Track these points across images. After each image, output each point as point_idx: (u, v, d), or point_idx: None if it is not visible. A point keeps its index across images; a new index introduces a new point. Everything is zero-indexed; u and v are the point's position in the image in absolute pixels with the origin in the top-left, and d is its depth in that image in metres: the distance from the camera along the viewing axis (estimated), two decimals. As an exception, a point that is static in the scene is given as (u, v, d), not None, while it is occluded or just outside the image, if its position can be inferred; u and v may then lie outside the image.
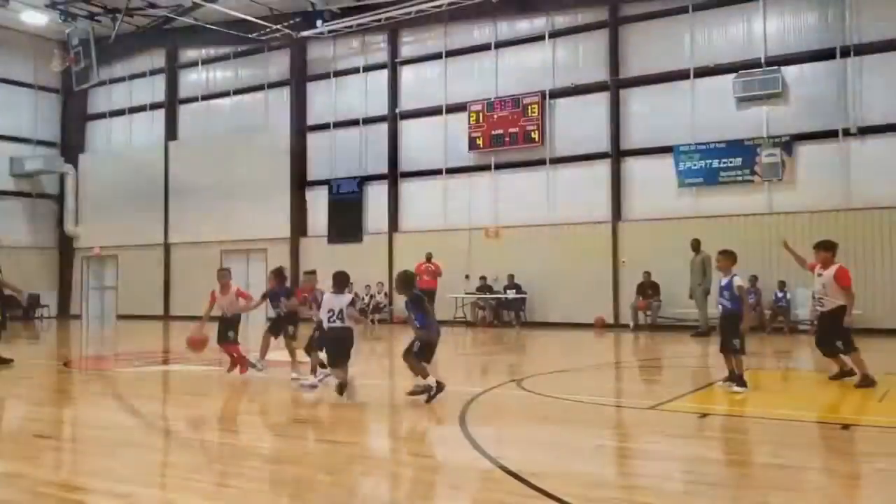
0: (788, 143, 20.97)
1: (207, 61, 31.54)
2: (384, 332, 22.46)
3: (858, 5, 20.48)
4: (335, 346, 9.73)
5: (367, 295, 25.46)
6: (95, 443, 7.37)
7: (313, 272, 11.91)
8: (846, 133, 20.42)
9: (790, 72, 21.20)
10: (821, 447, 6.99)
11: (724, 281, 10.01)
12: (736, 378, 9.68)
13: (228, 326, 11.61)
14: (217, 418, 8.78)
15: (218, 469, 6.32)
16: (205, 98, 31.52)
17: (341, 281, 10.01)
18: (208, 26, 27.90)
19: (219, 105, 31.21)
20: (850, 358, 10.35)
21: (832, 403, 9.61)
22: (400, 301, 9.47)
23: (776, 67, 21.16)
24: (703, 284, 19.11)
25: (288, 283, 12.69)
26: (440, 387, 9.12)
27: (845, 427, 7.66)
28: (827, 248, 10.62)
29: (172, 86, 32.26)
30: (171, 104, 32.21)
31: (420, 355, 9.21)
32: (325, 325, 9.78)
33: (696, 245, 19.62)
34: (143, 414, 8.81)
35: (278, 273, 12.19)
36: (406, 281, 9.63)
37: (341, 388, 9.43)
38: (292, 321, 11.67)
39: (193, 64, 31.94)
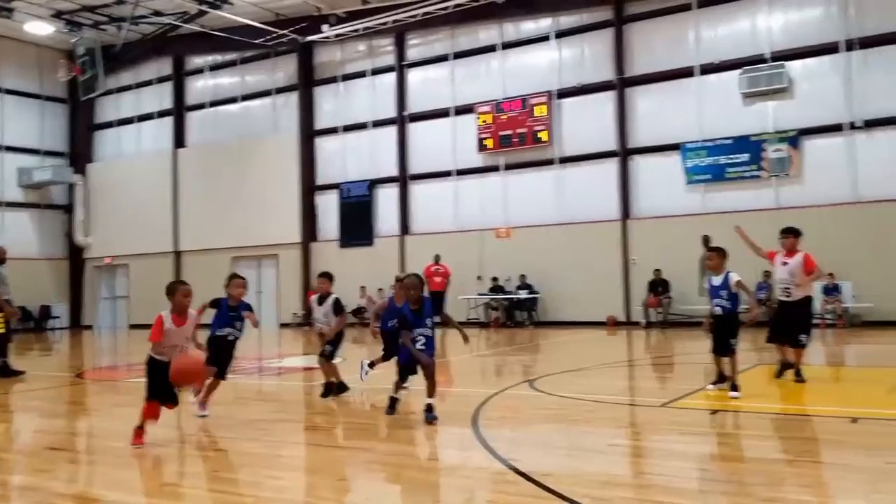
0: (795, 138, 20.96)
1: (214, 68, 31.66)
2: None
3: (862, -2, 20.48)
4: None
5: (380, 298, 25.44)
6: (110, 454, 7.40)
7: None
8: (852, 126, 20.40)
9: (795, 66, 21.21)
10: (832, 441, 6.98)
11: (718, 280, 9.53)
12: (731, 381, 9.31)
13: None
14: (232, 427, 8.82)
15: (234, 478, 6.35)
16: (212, 104, 31.64)
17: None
18: (214, 33, 28.05)
19: (227, 111, 31.31)
20: (789, 352, 10.27)
21: (842, 397, 9.60)
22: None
23: (781, 62, 21.17)
24: (714, 280, 19.01)
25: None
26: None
27: (854, 420, 7.66)
28: (796, 234, 10.28)
29: (180, 93, 32.40)
30: (179, 111, 32.36)
31: (403, 376, 8.57)
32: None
33: (706, 241, 19.52)
34: (157, 424, 8.84)
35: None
36: (421, 285, 8.40)
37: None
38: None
39: (200, 71, 32.06)
